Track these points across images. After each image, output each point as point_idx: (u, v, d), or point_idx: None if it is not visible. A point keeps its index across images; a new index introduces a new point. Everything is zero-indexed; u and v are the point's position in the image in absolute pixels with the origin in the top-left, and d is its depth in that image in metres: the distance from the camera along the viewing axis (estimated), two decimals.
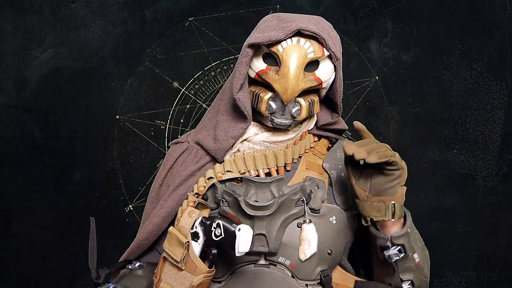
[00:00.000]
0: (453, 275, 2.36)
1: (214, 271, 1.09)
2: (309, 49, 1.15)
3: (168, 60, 2.34)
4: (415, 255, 1.14)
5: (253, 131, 1.24)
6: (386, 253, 1.11)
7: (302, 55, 1.14)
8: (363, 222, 1.13)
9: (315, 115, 1.30)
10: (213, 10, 2.30)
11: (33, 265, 2.40)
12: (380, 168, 1.07)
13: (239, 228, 1.02)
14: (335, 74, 1.23)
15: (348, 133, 1.42)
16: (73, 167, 2.35)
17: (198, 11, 2.31)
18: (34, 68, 2.35)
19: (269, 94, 1.17)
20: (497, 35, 2.23)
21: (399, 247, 1.10)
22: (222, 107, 1.26)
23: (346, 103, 2.29)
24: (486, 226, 2.33)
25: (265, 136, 1.23)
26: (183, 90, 2.34)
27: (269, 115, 1.18)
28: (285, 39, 1.14)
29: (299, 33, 1.15)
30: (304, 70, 1.15)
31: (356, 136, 2.21)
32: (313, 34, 1.15)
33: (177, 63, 2.35)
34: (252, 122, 1.24)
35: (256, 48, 1.18)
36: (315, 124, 1.32)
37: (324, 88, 1.24)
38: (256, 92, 1.19)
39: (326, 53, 1.18)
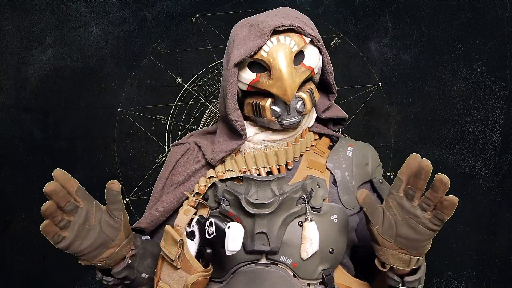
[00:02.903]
0: (453, 275, 2.36)
1: (211, 271, 1.08)
2: (291, 43, 1.14)
3: (173, 55, 2.34)
4: (420, 286, 1.12)
5: (253, 131, 1.24)
6: None
7: (288, 52, 1.13)
8: (378, 266, 1.07)
9: (314, 110, 1.31)
10: (214, 10, 2.30)
11: (33, 264, 2.40)
12: (411, 223, 1.00)
13: (229, 226, 1.01)
14: (322, 56, 1.23)
15: (345, 135, 1.42)
16: (73, 167, 2.35)
17: (198, 11, 2.31)
18: (34, 68, 2.35)
19: (270, 100, 1.17)
20: (497, 35, 2.23)
21: None
22: (219, 122, 1.28)
23: (348, 107, 2.29)
24: (486, 226, 2.33)
25: (265, 135, 1.23)
26: (186, 86, 2.34)
27: (276, 119, 1.18)
28: (265, 43, 1.14)
29: (275, 32, 1.15)
30: (293, 65, 1.15)
31: (355, 136, 2.21)
32: (288, 27, 1.15)
33: (181, 59, 2.34)
34: (251, 123, 1.24)
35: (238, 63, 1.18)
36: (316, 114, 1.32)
37: (317, 73, 1.24)
38: (254, 102, 1.18)
39: (307, 39, 1.17)
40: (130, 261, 1.12)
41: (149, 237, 1.28)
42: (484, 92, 2.26)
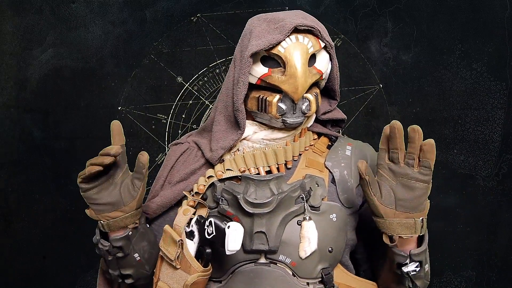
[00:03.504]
0: (453, 275, 2.35)
1: (210, 270, 1.09)
2: (309, 44, 1.15)
3: (174, 55, 2.34)
4: (427, 265, 1.14)
5: (252, 129, 1.24)
6: (405, 269, 1.10)
7: (304, 51, 1.14)
8: (386, 241, 1.09)
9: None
10: (214, 9, 2.30)
11: (33, 264, 2.40)
12: (405, 182, 1.05)
13: (229, 226, 1.01)
14: (331, 63, 1.24)
15: (344, 135, 1.42)
16: (73, 167, 2.34)
17: (198, 11, 2.31)
18: (34, 68, 2.35)
19: (278, 97, 1.16)
20: (497, 35, 2.23)
21: (417, 263, 1.10)
22: (216, 117, 1.27)
23: (349, 108, 2.29)
24: (486, 226, 2.33)
25: (264, 134, 1.23)
26: (186, 85, 2.34)
27: (280, 117, 1.18)
28: (284, 39, 1.14)
29: (295, 30, 1.15)
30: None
31: (355, 136, 2.21)
32: (309, 28, 1.15)
33: (182, 58, 2.34)
34: (250, 122, 1.24)
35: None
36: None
37: (323, 79, 1.24)
38: (261, 97, 1.18)
39: (322, 44, 1.18)
40: (130, 232, 1.15)
41: (148, 225, 1.29)
42: (484, 92, 2.26)
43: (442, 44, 2.26)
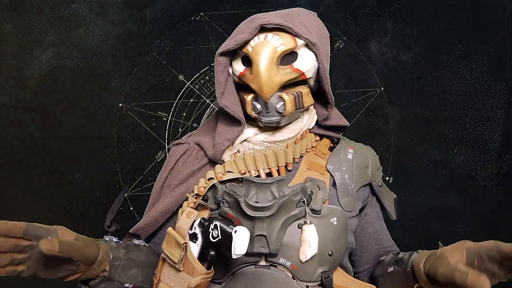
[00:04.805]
0: None
1: (213, 273, 1.08)
2: (278, 42, 1.13)
3: (175, 53, 2.34)
4: None
5: (253, 131, 1.23)
6: None
7: (271, 50, 1.12)
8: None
9: (315, 111, 1.30)
10: (215, 9, 2.30)
11: None
12: None
13: (236, 230, 1.01)
14: (318, 62, 1.21)
15: (344, 137, 1.42)
16: (73, 167, 2.35)
17: (198, 11, 2.31)
18: (34, 68, 2.35)
19: (251, 95, 1.17)
20: (497, 35, 2.23)
21: None
22: (220, 117, 1.27)
23: (350, 109, 2.29)
24: (486, 226, 2.33)
25: (265, 136, 1.22)
26: (188, 84, 2.34)
27: (257, 115, 1.18)
28: (252, 38, 1.14)
29: (265, 29, 1.14)
30: (279, 64, 1.14)
31: (355, 136, 2.21)
32: (277, 26, 1.14)
33: (183, 57, 2.34)
34: (251, 123, 1.24)
35: (234, 53, 1.19)
36: (316, 122, 1.31)
37: (311, 78, 1.21)
38: (241, 95, 1.20)
39: (300, 42, 1.16)
40: (108, 274, 1.12)
41: (143, 241, 1.28)
42: (484, 92, 2.26)
43: (442, 44, 2.26)
